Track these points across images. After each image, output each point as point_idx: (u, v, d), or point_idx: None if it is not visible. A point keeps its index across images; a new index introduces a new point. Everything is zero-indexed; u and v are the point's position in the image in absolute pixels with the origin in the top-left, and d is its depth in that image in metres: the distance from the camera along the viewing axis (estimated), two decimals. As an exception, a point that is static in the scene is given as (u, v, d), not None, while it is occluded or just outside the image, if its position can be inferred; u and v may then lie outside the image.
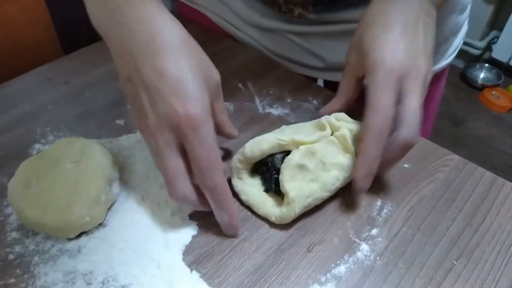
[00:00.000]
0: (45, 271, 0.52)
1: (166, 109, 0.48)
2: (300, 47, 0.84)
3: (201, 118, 0.49)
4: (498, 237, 0.57)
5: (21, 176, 0.57)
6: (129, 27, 0.51)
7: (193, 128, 0.48)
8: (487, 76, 2.81)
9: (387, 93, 0.55)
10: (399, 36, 0.58)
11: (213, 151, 0.50)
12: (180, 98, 0.48)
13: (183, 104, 0.48)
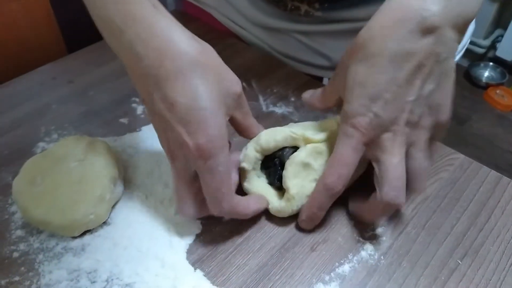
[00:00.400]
0: (49, 269, 0.52)
1: (177, 139, 0.48)
2: (306, 46, 0.84)
3: (212, 147, 0.47)
4: (503, 237, 0.57)
5: (25, 174, 0.57)
6: (136, 51, 0.48)
7: (204, 158, 0.47)
8: (492, 75, 2.80)
9: (350, 150, 0.50)
10: (381, 90, 0.49)
11: (224, 180, 0.49)
12: (190, 128, 0.47)
13: (193, 135, 0.47)
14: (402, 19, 0.48)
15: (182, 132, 0.47)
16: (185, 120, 0.47)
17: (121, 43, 0.49)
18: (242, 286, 0.51)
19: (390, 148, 0.50)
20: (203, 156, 0.47)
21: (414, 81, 0.49)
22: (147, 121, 0.72)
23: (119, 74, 0.82)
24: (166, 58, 0.47)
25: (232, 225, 0.57)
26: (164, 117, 0.48)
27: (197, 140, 0.47)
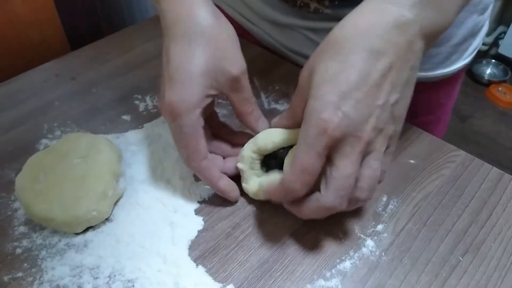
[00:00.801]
0: (52, 265, 0.53)
1: (161, 94, 0.54)
2: (314, 43, 0.84)
3: (180, 107, 0.52)
4: (504, 233, 0.57)
5: (28, 171, 0.57)
6: (161, 8, 0.57)
7: (172, 115, 0.52)
8: (494, 72, 2.79)
9: (313, 154, 0.47)
10: (352, 88, 0.46)
11: (189, 141, 0.54)
12: (171, 85, 0.53)
13: (170, 91, 0.52)
14: (377, 21, 0.47)
15: (166, 87, 0.53)
16: (170, 77, 0.53)
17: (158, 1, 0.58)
18: (243, 282, 0.52)
19: (349, 154, 0.47)
20: (172, 113, 0.52)
21: (384, 84, 0.47)
22: (149, 118, 0.72)
23: (122, 71, 0.82)
24: (180, 21, 0.54)
25: (234, 221, 0.58)
26: (163, 71, 0.55)
27: (170, 97, 0.52)
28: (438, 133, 0.98)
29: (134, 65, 0.84)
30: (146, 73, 0.82)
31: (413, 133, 0.69)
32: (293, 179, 0.49)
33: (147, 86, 0.79)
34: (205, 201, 0.60)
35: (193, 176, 0.63)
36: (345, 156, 0.47)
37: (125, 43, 0.90)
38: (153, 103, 0.75)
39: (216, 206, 0.59)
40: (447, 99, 0.94)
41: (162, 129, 0.70)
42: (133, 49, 0.88)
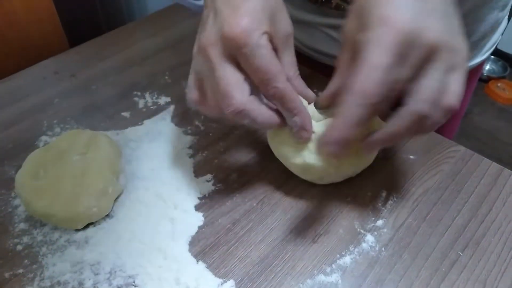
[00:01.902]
0: (53, 261, 0.53)
1: (223, 23, 0.48)
2: (334, 40, 0.84)
3: (253, 29, 0.48)
4: (504, 228, 0.57)
5: (28, 168, 0.57)
6: None
7: (246, 39, 0.47)
8: (493, 68, 2.79)
9: (383, 51, 0.42)
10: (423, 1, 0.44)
11: (270, 60, 0.49)
12: (237, 15, 0.48)
13: (238, 19, 0.48)
14: None
15: (231, 17, 0.48)
16: (236, 9, 0.48)
17: None
18: (244, 278, 0.52)
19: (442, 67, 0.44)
20: (245, 37, 0.47)
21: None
22: (149, 115, 0.72)
23: (121, 68, 0.82)
24: None
25: (234, 217, 0.58)
26: (220, 8, 0.49)
27: (241, 24, 0.47)
28: (451, 130, 0.97)
29: (134, 62, 0.84)
30: (146, 70, 0.82)
31: (413, 129, 0.69)
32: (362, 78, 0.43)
33: (146, 82, 0.79)
34: (205, 197, 0.60)
35: (193, 172, 0.63)
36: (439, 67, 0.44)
37: (124, 40, 0.90)
38: (152, 100, 0.75)
39: (216, 202, 0.60)
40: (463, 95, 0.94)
41: (162, 126, 0.70)
42: (133, 46, 0.88)
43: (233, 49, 0.48)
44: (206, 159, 0.65)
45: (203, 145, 0.67)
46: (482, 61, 0.88)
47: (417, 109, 0.45)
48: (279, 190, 0.61)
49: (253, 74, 0.50)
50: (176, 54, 0.85)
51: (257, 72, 0.49)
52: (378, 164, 0.64)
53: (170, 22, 0.95)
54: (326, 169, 0.57)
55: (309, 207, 0.59)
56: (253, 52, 0.48)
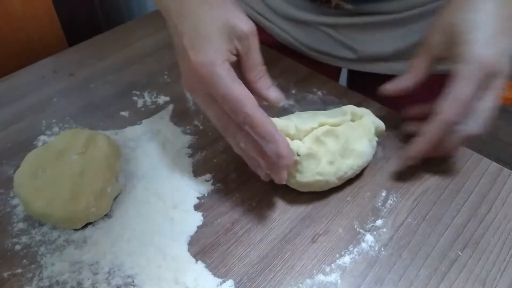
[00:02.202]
0: (51, 261, 0.53)
1: (186, 63, 0.53)
2: (332, 39, 0.84)
3: (213, 62, 0.51)
4: (503, 228, 0.57)
5: (27, 167, 0.57)
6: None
7: (209, 74, 0.51)
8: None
9: (472, 87, 0.54)
10: (497, 31, 0.56)
11: (233, 87, 0.51)
12: (192, 51, 0.52)
13: (194, 55, 0.51)
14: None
15: (188, 55, 0.52)
16: (190, 45, 0.52)
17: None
18: (243, 278, 0.52)
19: (495, 88, 0.56)
20: (203, 70, 0.51)
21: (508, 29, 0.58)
22: (148, 114, 0.72)
23: (119, 67, 0.82)
24: (183, 2, 0.54)
25: (233, 217, 0.58)
26: (180, 48, 0.54)
27: (197, 58, 0.51)
28: None
29: (132, 61, 0.84)
30: (145, 69, 0.82)
31: (412, 128, 0.69)
32: (455, 112, 0.55)
33: (145, 82, 0.79)
34: (204, 197, 0.60)
35: (192, 172, 0.63)
36: (495, 89, 0.56)
37: (123, 39, 0.90)
38: (151, 99, 0.75)
39: (215, 202, 0.59)
40: None
41: (161, 125, 0.70)
42: (131, 45, 0.88)
43: (203, 84, 0.52)
44: (205, 158, 0.65)
45: (202, 145, 0.67)
46: None
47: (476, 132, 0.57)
48: (278, 189, 0.61)
49: (223, 105, 0.52)
50: (175, 53, 0.85)
51: (225, 101, 0.51)
52: (377, 164, 0.64)
53: (169, 21, 0.95)
54: (320, 178, 0.58)
55: (308, 207, 0.59)
56: (217, 84, 0.51)
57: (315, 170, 0.57)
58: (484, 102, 0.56)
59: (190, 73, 0.53)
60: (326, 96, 0.76)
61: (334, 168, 0.58)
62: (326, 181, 0.58)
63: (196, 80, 0.53)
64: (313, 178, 0.57)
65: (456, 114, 0.55)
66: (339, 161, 0.58)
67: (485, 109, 0.56)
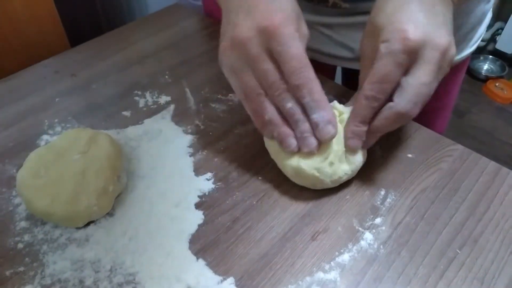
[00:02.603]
0: (53, 259, 0.53)
1: (259, 17, 0.52)
2: (329, 39, 0.84)
3: (288, 24, 0.52)
4: (501, 226, 0.58)
5: (29, 166, 0.57)
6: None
7: (283, 30, 0.52)
8: (491, 68, 2.79)
9: (392, 63, 0.52)
10: (416, 11, 0.53)
11: (303, 52, 0.53)
12: (272, 10, 0.53)
13: (274, 14, 0.52)
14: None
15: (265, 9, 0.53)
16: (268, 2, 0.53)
17: None
18: (243, 275, 0.52)
19: (428, 63, 0.52)
20: (280, 28, 0.52)
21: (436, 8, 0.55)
22: (149, 114, 0.72)
23: (121, 67, 0.82)
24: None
25: (233, 215, 0.58)
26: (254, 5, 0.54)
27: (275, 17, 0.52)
28: (442, 122, 0.99)
29: (134, 61, 0.84)
30: (146, 69, 0.82)
31: (411, 127, 0.70)
32: (372, 88, 0.53)
33: (147, 82, 0.79)
34: (205, 195, 0.61)
35: (193, 171, 0.63)
36: (424, 64, 0.52)
37: (124, 40, 0.90)
38: (152, 99, 0.75)
39: (216, 200, 0.60)
40: (451, 87, 0.96)
41: (162, 125, 0.70)
42: (133, 45, 0.88)
43: (271, 39, 0.52)
44: (206, 157, 0.66)
45: (203, 144, 0.68)
46: (469, 54, 0.90)
47: (399, 109, 0.53)
48: (278, 188, 0.61)
49: (287, 63, 0.53)
50: (176, 54, 0.86)
51: (292, 60, 0.52)
52: (376, 162, 0.64)
53: (170, 21, 0.95)
54: (317, 175, 0.58)
55: (308, 205, 0.59)
56: (289, 42, 0.52)
57: (316, 165, 0.57)
58: (411, 77, 0.53)
59: (251, 27, 0.53)
60: (326, 95, 0.76)
61: (332, 170, 0.58)
62: (321, 180, 0.58)
63: (262, 35, 0.52)
64: (310, 172, 0.57)
65: (375, 90, 0.53)
66: (337, 165, 0.58)
67: (413, 84, 0.53)
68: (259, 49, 0.53)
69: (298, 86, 0.53)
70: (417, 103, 0.53)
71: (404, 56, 0.52)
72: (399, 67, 0.52)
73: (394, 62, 0.52)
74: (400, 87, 0.53)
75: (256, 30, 0.52)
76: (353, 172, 0.60)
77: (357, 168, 0.60)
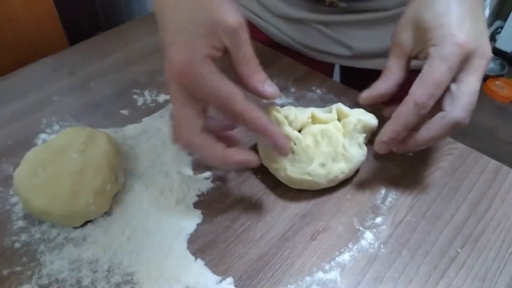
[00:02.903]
0: (51, 259, 0.53)
1: (168, 62, 0.49)
2: (327, 37, 0.84)
3: (192, 62, 0.48)
4: (503, 225, 0.57)
5: (27, 165, 0.57)
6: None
7: (188, 73, 0.48)
8: (491, 66, 2.79)
9: (446, 68, 0.51)
10: (463, 15, 0.53)
11: (218, 84, 0.49)
12: (173, 50, 0.49)
13: (174, 54, 0.49)
14: None
15: (170, 53, 0.49)
16: (172, 42, 0.50)
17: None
18: (242, 275, 0.52)
19: (477, 70, 0.52)
20: (190, 71, 0.48)
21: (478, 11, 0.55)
22: (148, 113, 0.72)
23: (120, 66, 0.82)
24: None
25: (232, 215, 0.58)
26: (164, 41, 0.51)
27: (176, 58, 0.48)
28: None
29: (133, 60, 0.84)
30: (145, 68, 0.82)
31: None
32: (424, 93, 0.51)
33: (145, 80, 0.79)
34: (203, 194, 0.60)
35: (192, 170, 0.63)
36: (474, 72, 0.52)
37: (123, 38, 0.90)
38: (151, 98, 0.75)
39: (215, 199, 0.60)
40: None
41: (161, 123, 0.70)
42: (132, 44, 0.88)
43: (185, 84, 0.49)
44: (205, 156, 0.65)
45: (201, 143, 0.67)
46: None
47: (454, 117, 0.52)
48: (277, 187, 0.61)
49: (209, 103, 0.50)
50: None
51: (211, 100, 0.49)
52: (377, 161, 0.64)
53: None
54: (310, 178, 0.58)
55: (308, 205, 0.59)
56: (199, 82, 0.48)
57: (305, 170, 0.57)
58: (463, 84, 0.52)
59: (168, 72, 0.50)
60: (325, 94, 0.76)
61: (325, 171, 0.58)
62: (316, 182, 0.58)
63: (175, 80, 0.49)
64: (301, 177, 0.57)
65: (426, 95, 0.51)
66: (331, 164, 0.58)
67: (466, 92, 0.52)
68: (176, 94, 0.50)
69: (234, 121, 0.53)
70: (470, 111, 0.52)
71: (458, 62, 0.51)
72: (451, 73, 0.51)
73: (447, 67, 0.51)
74: (450, 95, 0.52)
75: (172, 80, 0.49)
76: (351, 170, 0.60)
77: (355, 166, 0.60)
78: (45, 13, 1.04)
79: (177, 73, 0.48)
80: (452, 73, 0.51)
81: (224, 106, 0.49)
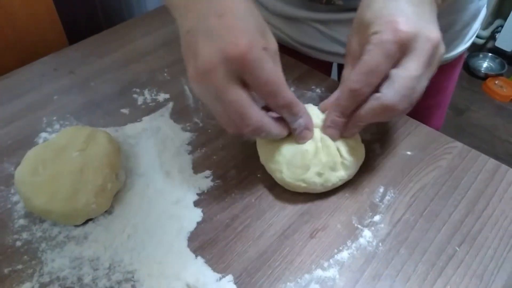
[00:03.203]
0: (52, 257, 0.53)
1: (222, 43, 0.48)
2: (324, 35, 0.84)
3: (254, 46, 0.48)
4: (500, 224, 0.58)
5: (27, 164, 0.57)
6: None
7: (251, 55, 0.48)
8: (490, 66, 2.79)
9: (382, 55, 0.50)
10: (405, 5, 0.52)
11: (276, 73, 0.50)
12: (235, 34, 0.48)
13: (238, 38, 0.48)
14: None
15: (233, 35, 0.48)
16: (234, 26, 0.48)
17: None
18: (242, 273, 0.52)
19: (419, 56, 0.50)
20: (252, 55, 0.48)
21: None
22: (148, 112, 0.72)
23: (120, 65, 0.82)
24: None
25: (232, 213, 0.58)
26: (215, 27, 0.49)
27: (246, 42, 0.47)
28: (438, 119, 0.99)
29: (133, 58, 0.84)
30: (145, 67, 0.82)
31: (410, 125, 0.70)
32: (358, 80, 0.51)
33: (145, 79, 0.79)
34: (204, 193, 0.61)
35: (192, 169, 0.63)
36: (414, 57, 0.50)
37: (123, 37, 0.90)
38: (151, 97, 0.75)
39: (215, 198, 0.60)
40: (447, 83, 0.96)
41: (161, 122, 0.70)
42: (132, 43, 0.88)
43: (239, 67, 0.48)
44: (205, 155, 0.66)
45: (201, 142, 0.68)
46: (464, 50, 0.89)
47: (385, 100, 0.51)
48: (277, 185, 0.61)
49: (261, 88, 0.50)
50: (174, 51, 0.85)
51: (266, 85, 0.50)
52: (375, 160, 0.64)
53: (168, 19, 0.94)
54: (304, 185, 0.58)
55: (307, 203, 0.59)
56: (260, 67, 0.49)
57: (300, 176, 0.57)
58: (401, 69, 0.50)
59: (215, 55, 0.48)
60: (324, 93, 0.76)
61: (322, 180, 0.58)
62: (312, 189, 0.59)
63: (229, 63, 0.48)
64: (296, 183, 0.58)
65: (360, 82, 0.51)
66: (329, 173, 0.58)
67: (402, 76, 0.50)
68: (225, 80, 0.49)
69: (276, 107, 0.53)
70: (405, 96, 0.50)
71: (395, 47, 0.50)
72: (388, 59, 0.50)
73: (384, 53, 0.50)
74: (388, 79, 0.51)
75: (220, 59, 0.48)
76: (349, 176, 0.60)
77: (353, 172, 0.60)
78: (45, 12, 1.04)
79: (241, 53, 0.47)
80: (390, 59, 0.50)
81: (276, 92, 0.51)
